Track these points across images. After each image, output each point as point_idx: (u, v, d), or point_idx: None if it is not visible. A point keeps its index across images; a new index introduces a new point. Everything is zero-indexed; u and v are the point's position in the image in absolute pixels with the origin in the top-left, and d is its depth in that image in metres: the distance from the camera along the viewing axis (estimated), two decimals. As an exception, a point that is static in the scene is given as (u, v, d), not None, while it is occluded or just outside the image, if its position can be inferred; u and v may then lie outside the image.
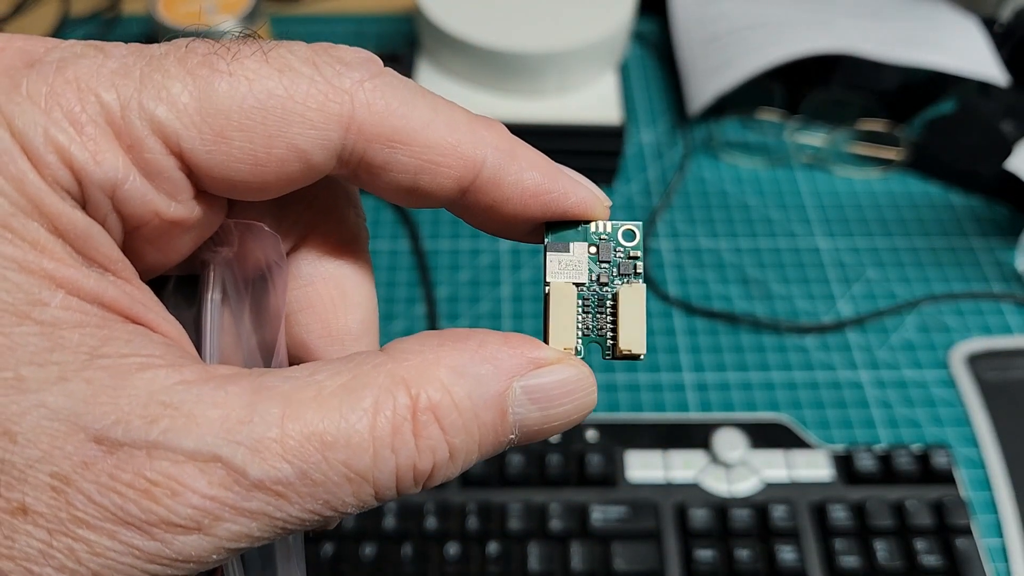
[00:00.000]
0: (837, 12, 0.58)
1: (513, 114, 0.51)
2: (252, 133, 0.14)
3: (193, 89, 0.14)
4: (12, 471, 0.12)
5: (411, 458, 0.14)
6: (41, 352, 0.13)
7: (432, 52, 0.53)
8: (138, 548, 0.13)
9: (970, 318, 0.49)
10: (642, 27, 0.66)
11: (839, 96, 0.57)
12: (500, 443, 0.16)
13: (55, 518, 0.12)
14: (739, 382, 0.46)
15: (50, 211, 0.13)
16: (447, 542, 0.38)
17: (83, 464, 0.12)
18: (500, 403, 0.15)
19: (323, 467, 0.13)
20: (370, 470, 0.14)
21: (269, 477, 0.13)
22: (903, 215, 0.55)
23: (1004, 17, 0.59)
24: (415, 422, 0.14)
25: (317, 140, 0.15)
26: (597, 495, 0.40)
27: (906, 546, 0.38)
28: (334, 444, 0.13)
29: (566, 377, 0.16)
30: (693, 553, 0.38)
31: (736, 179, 0.57)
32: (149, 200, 0.14)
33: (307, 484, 0.13)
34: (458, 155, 0.16)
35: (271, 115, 0.14)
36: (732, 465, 0.41)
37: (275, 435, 0.13)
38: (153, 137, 0.14)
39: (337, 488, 0.14)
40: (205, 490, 0.13)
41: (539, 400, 0.16)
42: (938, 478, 0.40)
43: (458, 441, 0.15)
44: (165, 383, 0.13)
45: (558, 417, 0.16)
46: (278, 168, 0.15)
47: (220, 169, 0.14)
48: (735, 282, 0.51)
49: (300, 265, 0.19)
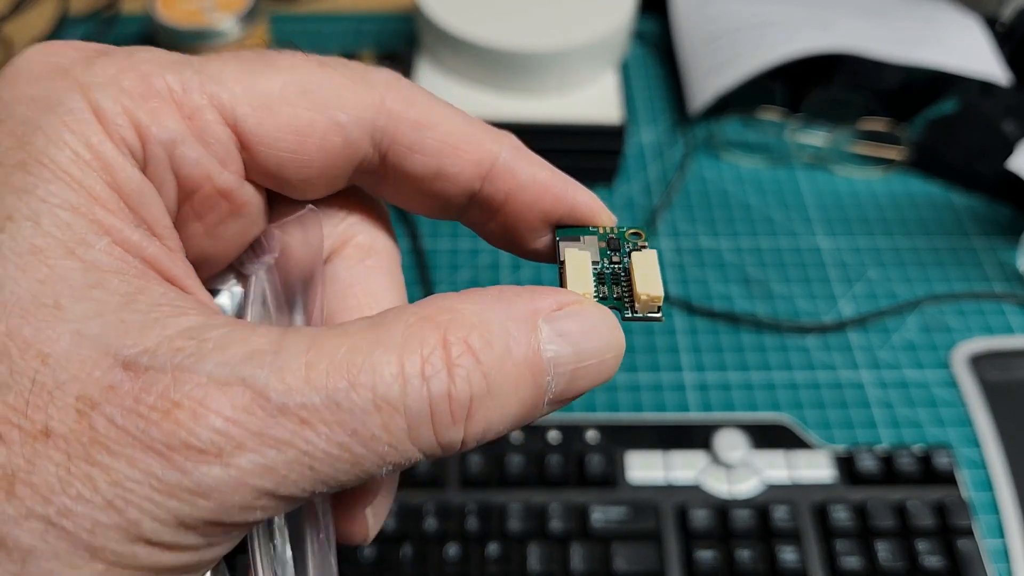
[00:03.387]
0: (838, 11, 0.58)
1: (513, 113, 0.51)
2: (297, 107, 0.16)
3: (246, 73, 0.16)
4: (41, 392, 0.12)
5: (444, 385, 0.14)
6: (82, 287, 0.13)
7: (432, 51, 0.53)
8: (157, 477, 0.12)
9: (972, 318, 0.49)
10: (643, 26, 0.66)
11: (840, 95, 0.57)
12: (538, 385, 0.15)
13: (77, 442, 0.12)
14: (740, 382, 0.46)
15: (111, 166, 0.14)
16: (447, 543, 0.38)
17: (109, 387, 0.12)
18: (530, 340, 0.15)
19: (349, 392, 0.13)
20: (400, 398, 0.13)
21: (294, 401, 0.13)
22: (904, 215, 0.55)
23: (1006, 16, 0.59)
24: (445, 350, 0.14)
25: (354, 115, 0.16)
26: (597, 496, 0.40)
27: (908, 547, 0.38)
28: (361, 371, 0.13)
29: (589, 313, 0.16)
30: (694, 554, 0.38)
31: (737, 178, 0.56)
32: (202, 163, 0.15)
33: (333, 411, 0.13)
34: (477, 141, 0.17)
35: (313, 94, 0.16)
36: (733, 466, 0.41)
37: (300, 362, 0.13)
38: (210, 107, 0.15)
39: (366, 417, 0.13)
40: (228, 412, 0.12)
41: (567, 335, 0.15)
42: (940, 479, 0.40)
43: (493, 373, 0.14)
44: (195, 324, 0.13)
45: (590, 354, 0.15)
46: (320, 141, 0.16)
47: (269, 140, 0.16)
48: (736, 282, 0.51)
49: (337, 271, 0.19)
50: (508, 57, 0.50)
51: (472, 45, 0.50)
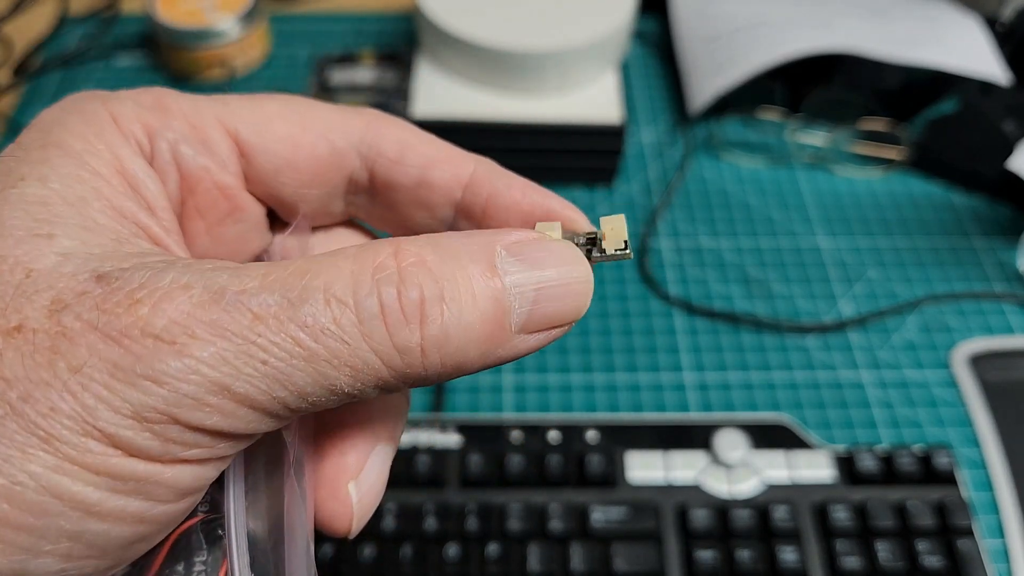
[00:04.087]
0: (838, 11, 0.58)
1: (513, 113, 0.51)
2: (290, 121, 0.18)
3: (248, 100, 0.19)
4: (20, 297, 0.13)
5: (393, 283, 0.14)
6: (75, 229, 0.15)
7: (432, 51, 0.53)
8: (113, 362, 0.13)
9: (972, 318, 0.49)
10: (643, 26, 0.66)
11: (840, 95, 0.57)
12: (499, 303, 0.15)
13: (44, 334, 0.13)
14: (740, 382, 0.46)
15: (119, 154, 0.16)
16: (447, 543, 0.38)
17: (81, 293, 0.13)
18: (486, 255, 0.15)
19: (302, 292, 0.14)
20: (349, 293, 0.14)
21: (248, 298, 0.13)
22: (904, 215, 0.55)
23: (1006, 16, 0.59)
24: (397, 258, 0.14)
25: (341, 129, 0.19)
26: (597, 496, 0.40)
27: (908, 547, 0.38)
28: (316, 275, 0.14)
29: (549, 243, 0.16)
30: (694, 554, 0.38)
31: (737, 178, 0.56)
32: (203, 162, 0.18)
33: (285, 307, 0.13)
34: (455, 156, 0.19)
35: (305, 115, 0.19)
36: (733, 466, 0.41)
37: (260, 272, 0.14)
38: (214, 121, 0.18)
39: (315, 310, 0.14)
40: (184, 307, 0.13)
41: (526, 258, 0.15)
42: (940, 479, 0.40)
43: (446, 279, 0.14)
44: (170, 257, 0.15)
45: (552, 277, 0.16)
46: (311, 149, 0.18)
47: (264, 146, 0.18)
48: (736, 282, 0.51)
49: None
50: (508, 57, 0.50)
51: (472, 45, 0.50)
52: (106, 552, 0.14)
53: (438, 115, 0.51)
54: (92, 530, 0.13)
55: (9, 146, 0.16)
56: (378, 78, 0.61)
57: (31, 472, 0.12)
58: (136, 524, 0.14)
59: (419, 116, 0.51)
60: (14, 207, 0.15)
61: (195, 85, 0.60)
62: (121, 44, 0.63)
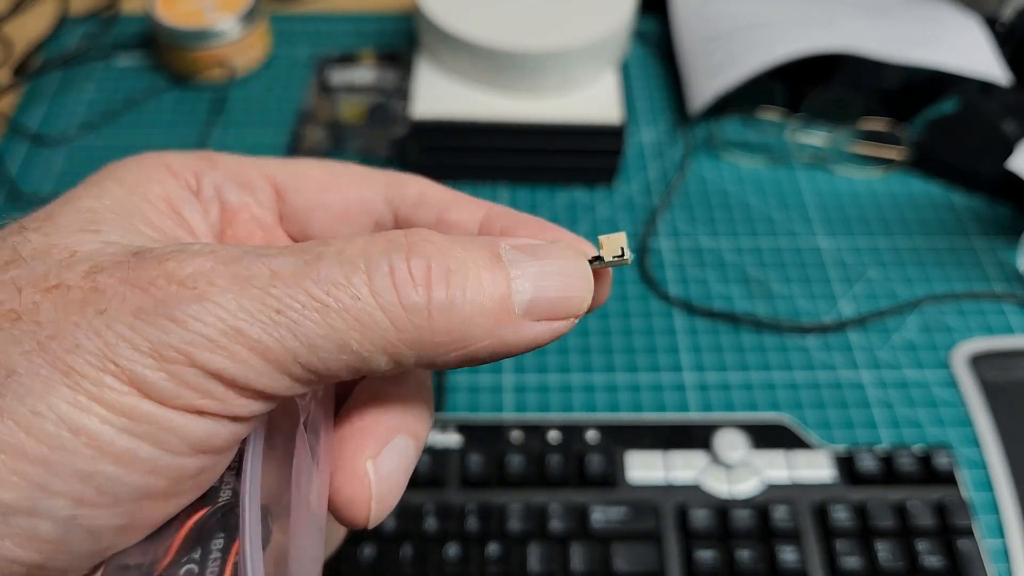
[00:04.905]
0: (838, 11, 0.58)
1: (513, 113, 0.51)
2: (323, 171, 0.21)
3: (285, 159, 0.21)
4: (63, 266, 0.15)
5: (402, 249, 0.15)
6: (119, 229, 0.17)
7: (432, 51, 0.53)
8: (137, 306, 0.14)
9: (972, 318, 0.49)
10: (643, 26, 0.66)
11: (840, 95, 0.57)
12: (503, 286, 0.16)
13: (79, 289, 0.14)
14: (740, 382, 0.46)
15: (167, 187, 0.19)
16: (447, 543, 0.38)
17: (117, 262, 0.15)
18: (490, 246, 0.17)
19: (318, 258, 0.15)
20: (361, 255, 0.15)
21: (269, 261, 0.15)
22: (904, 215, 0.55)
23: (1006, 16, 0.59)
24: (407, 236, 0.16)
25: (368, 179, 0.21)
26: (597, 496, 0.40)
27: (908, 547, 0.38)
28: (331, 244, 0.16)
29: (550, 245, 0.17)
30: (694, 554, 0.38)
31: (737, 178, 0.56)
32: (244, 199, 0.20)
33: (301, 267, 0.15)
34: (470, 200, 0.21)
35: (337, 168, 0.21)
36: (733, 466, 0.41)
37: (282, 247, 0.16)
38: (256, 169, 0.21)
39: (330, 269, 0.15)
40: (208, 262, 0.15)
41: (528, 250, 0.17)
42: (940, 479, 0.40)
43: (453, 259, 0.16)
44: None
45: (552, 266, 0.17)
46: (341, 193, 0.21)
47: (299, 190, 0.21)
48: (736, 282, 0.51)
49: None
50: (508, 57, 0.50)
51: (472, 45, 0.50)
52: (118, 501, 0.14)
53: (438, 115, 0.51)
54: (104, 472, 0.14)
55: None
56: (378, 78, 0.61)
57: (51, 404, 0.13)
58: (147, 474, 0.14)
59: (419, 116, 0.51)
60: (67, 214, 0.17)
61: (195, 85, 0.61)
62: (121, 44, 0.63)
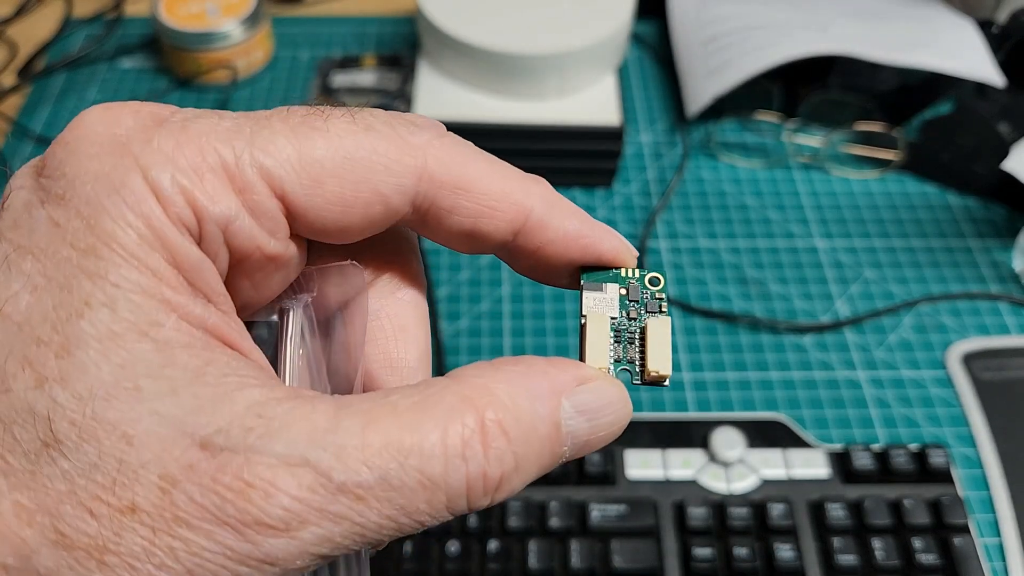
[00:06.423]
0: (834, 14, 0.59)
1: (513, 116, 0.52)
2: (343, 179, 0.17)
3: (295, 143, 0.16)
4: (127, 471, 0.14)
5: (480, 466, 0.15)
6: (156, 367, 0.14)
7: (433, 54, 0.54)
8: (231, 548, 0.14)
9: (967, 318, 0.50)
10: (641, 29, 0.67)
11: (836, 97, 0.57)
12: (556, 455, 0.17)
13: (160, 517, 0.13)
14: (737, 381, 0.47)
15: (171, 244, 0.15)
16: (447, 540, 0.38)
17: (188, 467, 0.14)
18: (553, 416, 0.17)
19: (399, 473, 0.14)
20: (442, 476, 0.15)
21: (351, 480, 0.14)
22: (900, 216, 0.55)
23: (1001, 19, 0.60)
24: (483, 433, 0.15)
25: (396, 186, 0.17)
26: (596, 493, 0.40)
27: (903, 544, 0.39)
28: (410, 452, 0.15)
29: (606, 390, 0.18)
30: (692, 551, 0.38)
31: (734, 180, 0.57)
32: (254, 236, 0.17)
33: (385, 489, 0.14)
34: (511, 201, 0.18)
35: (359, 165, 0.17)
36: (730, 463, 0.41)
37: (357, 443, 0.14)
38: (261, 182, 0.16)
39: (412, 494, 0.15)
40: (295, 492, 0.14)
41: (586, 412, 0.17)
42: (935, 477, 0.41)
43: (521, 452, 0.16)
44: (260, 399, 0.15)
45: (603, 428, 0.17)
46: (363, 210, 0.17)
47: (315, 211, 0.17)
48: (733, 282, 0.51)
49: (369, 303, 0.21)
50: (508, 60, 0.50)
51: (472, 48, 0.50)
52: None
53: (439, 117, 0.51)
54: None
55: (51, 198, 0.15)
56: (380, 81, 0.61)
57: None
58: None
59: (420, 118, 0.51)
60: (89, 347, 0.14)
61: (198, 87, 0.61)
62: (125, 46, 0.64)
